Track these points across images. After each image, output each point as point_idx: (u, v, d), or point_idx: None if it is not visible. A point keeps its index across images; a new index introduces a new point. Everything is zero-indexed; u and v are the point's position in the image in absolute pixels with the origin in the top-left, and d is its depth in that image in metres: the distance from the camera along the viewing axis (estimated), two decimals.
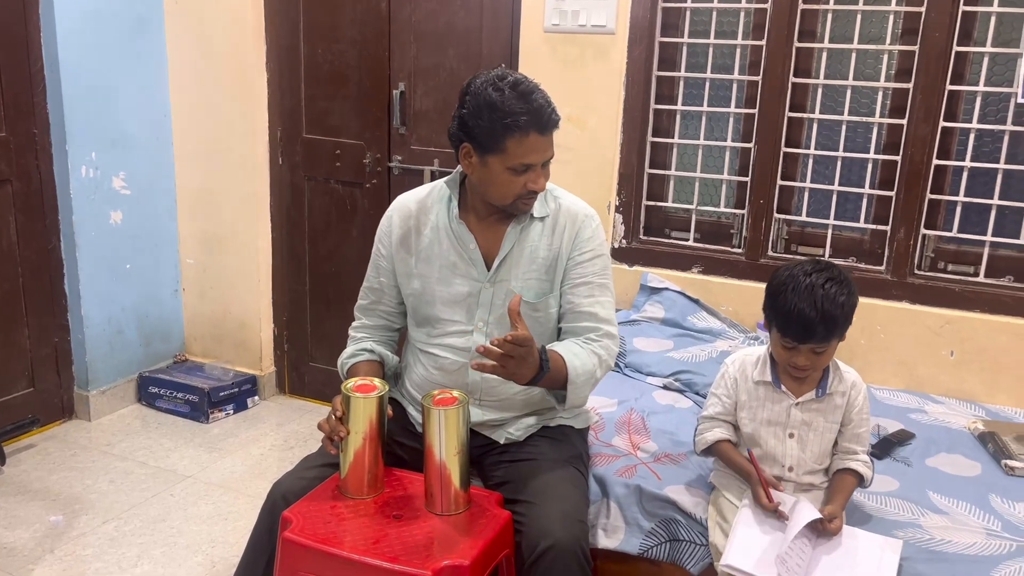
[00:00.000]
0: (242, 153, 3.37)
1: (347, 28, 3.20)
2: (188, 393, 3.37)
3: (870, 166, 2.61)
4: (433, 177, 3.10)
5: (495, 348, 1.62)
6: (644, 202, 2.88)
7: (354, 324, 2.07)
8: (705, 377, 2.41)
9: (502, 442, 1.92)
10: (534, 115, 1.73)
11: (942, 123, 2.47)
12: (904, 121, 2.51)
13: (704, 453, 1.90)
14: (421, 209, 1.95)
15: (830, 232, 2.67)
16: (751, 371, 1.84)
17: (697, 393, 2.40)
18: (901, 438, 2.20)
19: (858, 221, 2.64)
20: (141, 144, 3.35)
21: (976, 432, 2.25)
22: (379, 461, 1.76)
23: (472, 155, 1.80)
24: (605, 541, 1.94)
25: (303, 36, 3.28)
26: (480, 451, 1.93)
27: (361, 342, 2.02)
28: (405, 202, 1.99)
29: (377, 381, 1.77)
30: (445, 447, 1.68)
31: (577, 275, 1.89)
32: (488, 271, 1.89)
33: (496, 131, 1.73)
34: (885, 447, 2.15)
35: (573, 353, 1.81)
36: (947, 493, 1.95)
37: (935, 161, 2.49)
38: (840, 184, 2.64)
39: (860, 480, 1.78)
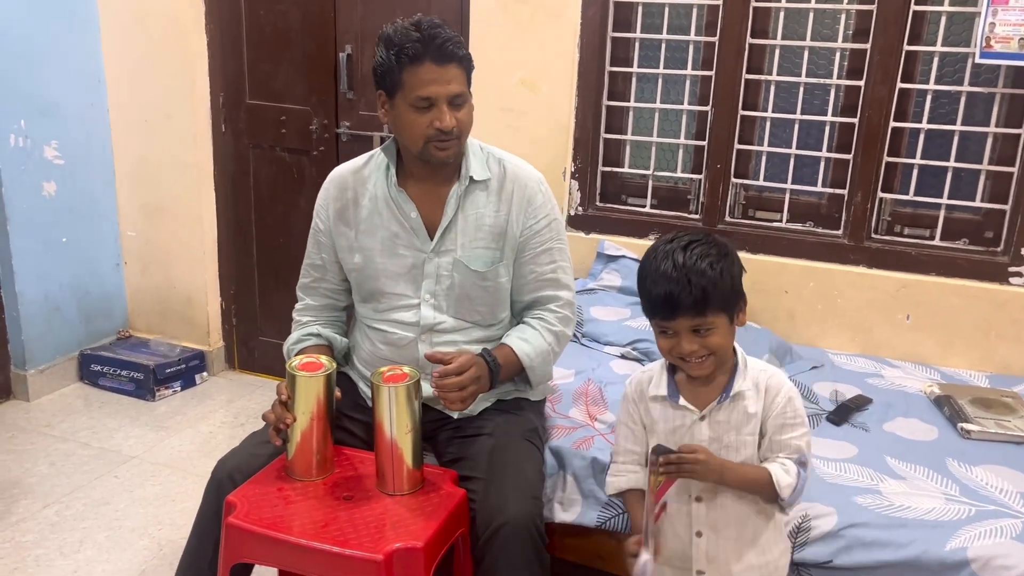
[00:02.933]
0: (182, 120, 3.23)
1: None
2: (132, 370, 3.25)
3: (827, 129, 2.57)
4: (382, 142, 2.99)
5: (449, 380, 1.65)
6: (600, 168, 2.82)
7: (297, 307, 1.98)
8: None
9: (455, 417, 1.87)
10: (425, 42, 1.66)
11: (899, 84, 2.43)
12: (862, 83, 2.47)
13: (615, 496, 1.67)
14: (358, 180, 1.87)
15: (787, 197, 2.64)
16: (647, 388, 1.56)
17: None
18: (858, 403, 2.19)
19: (815, 185, 2.61)
20: (74, 111, 3.19)
21: (932, 396, 2.25)
22: (328, 442, 1.70)
23: (385, 102, 1.75)
24: (562, 515, 1.91)
25: None
26: (433, 427, 1.87)
27: (307, 326, 1.94)
28: (341, 173, 1.90)
29: (324, 358, 1.70)
30: (396, 425, 1.62)
31: (537, 243, 1.84)
32: (431, 240, 1.81)
33: (393, 65, 1.68)
34: (843, 413, 2.14)
35: (522, 339, 1.81)
36: (905, 458, 1.94)
37: (892, 123, 2.47)
38: (798, 148, 2.60)
39: (776, 485, 1.43)
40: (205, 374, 3.43)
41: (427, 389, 1.83)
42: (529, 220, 1.82)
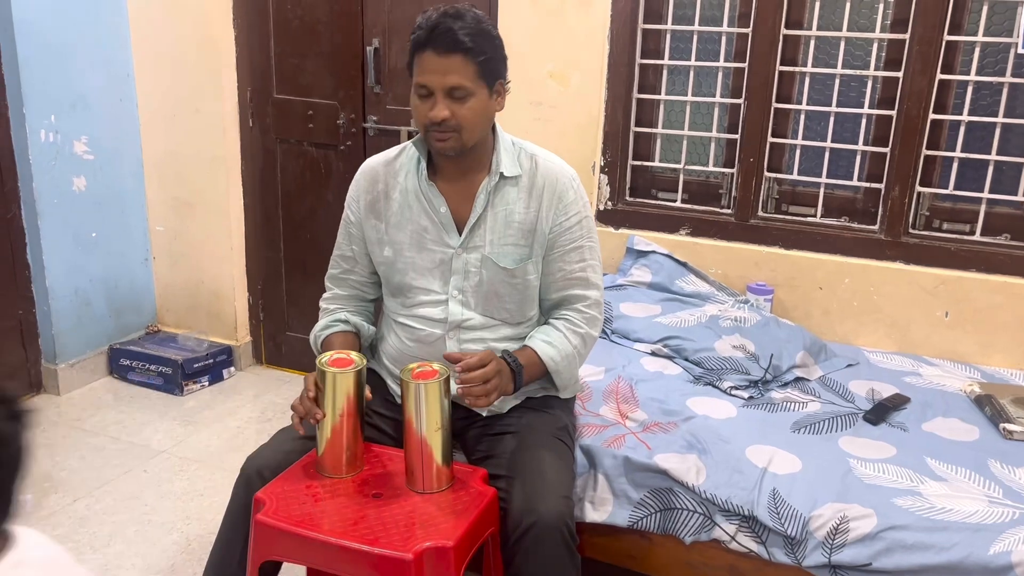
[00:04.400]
0: (210, 114, 3.23)
1: None
2: (161, 365, 3.26)
3: (864, 121, 2.52)
4: (410, 138, 2.97)
5: (472, 374, 1.63)
6: (630, 162, 2.77)
7: (325, 296, 1.97)
8: (694, 343, 2.33)
9: (484, 415, 1.84)
10: (429, 30, 1.64)
11: (939, 75, 2.37)
12: (900, 74, 2.41)
13: None
14: (389, 172, 1.85)
15: (822, 191, 2.59)
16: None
17: (687, 359, 2.32)
18: (896, 403, 2.14)
19: (851, 179, 2.55)
20: (103, 106, 3.20)
21: (972, 395, 2.19)
22: (358, 439, 1.68)
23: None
24: (593, 515, 1.88)
25: None
26: (462, 424, 1.85)
27: (334, 313, 1.92)
28: (372, 165, 1.88)
29: (354, 354, 1.68)
30: (425, 422, 1.60)
31: (567, 240, 1.80)
32: (460, 236, 1.79)
33: (410, 51, 1.69)
34: (880, 412, 2.09)
35: (546, 342, 1.79)
36: (945, 459, 1.89)
37: (931, 116, 2.40)
38: (833, 141, 2.55)
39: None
40: (233, 369, 3.44)
41: (455, 388, 1.81)
42: (560, 217, 1.79)
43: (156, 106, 3.31)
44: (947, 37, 2.35)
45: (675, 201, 2.76)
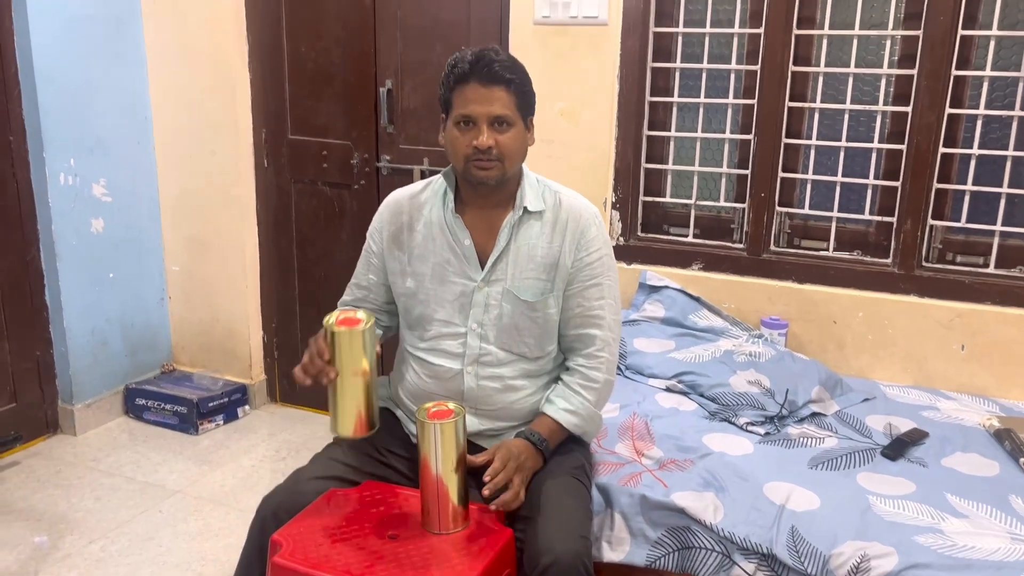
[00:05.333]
0: (226, 156, 3.28)
1: (331, 24, 3.10)
2: (176, 404, 3.27)
3: (874, 156, 2.53)
4: (423, 176, 3.01)
5: (496, 479, 1.65)
6: (641, 198, 2.79)
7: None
8: (709, 378, 2.33)
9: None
10: (474, 63, 1.70)
11: (948, 109, 2.39)
12: (909, 109, 2.43)
13: None
14: (414, 205, 1.88)
15: (834, 225, 2.59)
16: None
17: (702, 395, 2.32)
18: (914, 437, 2.13)
19: (863, 213, 2.56)
20: (122, 149, 3.25)
21: (991, 429, 2.17)
22: (373, 397, 1.67)
23: (442, 124, 1.79)
24: (610, 554, 1.87)
25: (286, 33, 3.18)
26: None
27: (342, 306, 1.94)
28: (397, 198, 1.91)
29: (361, 313, 1.66)
30: (441, 462, 1.60)
31: (587, 276, 1.82)
32: (482, 269, 1.80)
33: (447, 86, 1.74)
34: (898, 447, 2.07)
35: (567, 411, 1.81)
36: (966, 495, 1.87)
37: (942, 149, 2.41)
38: (843, 175, 2.56)
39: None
40: (247, 407, 3.44)
41: (471, 423, 1.82)
42: (581, 252, 1.81)
43: (173, 148, 3.36)
44: (955, 72, 2.36)
45: (687, 236, 2.77)
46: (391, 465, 1.86)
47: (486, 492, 1.64)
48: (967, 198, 2.43)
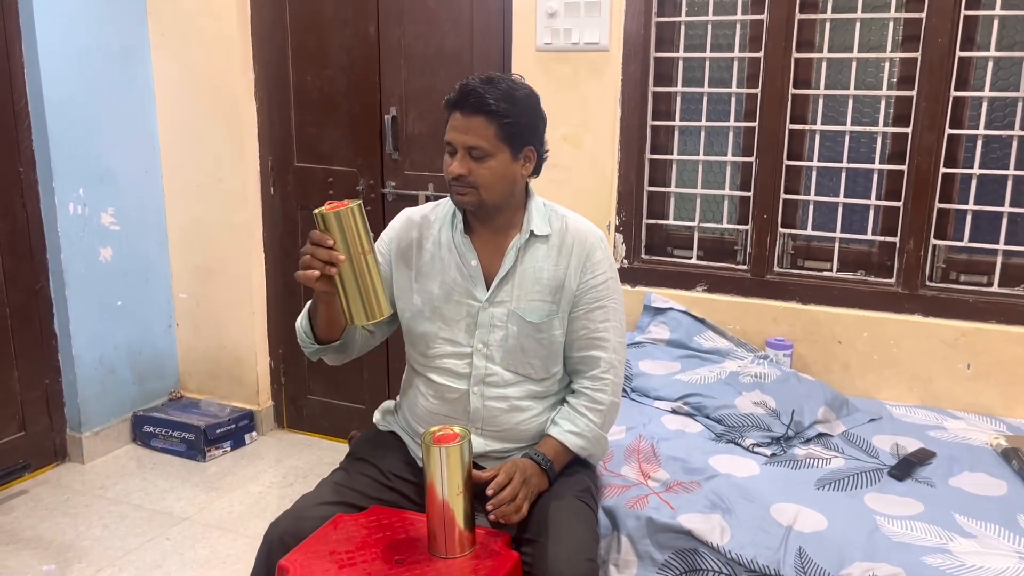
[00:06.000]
0: (233, 184, 3.31)
1: (336, 53, 3.15)
2: (184, 431, 3.28)
3: (875, 176, 2.54)
4: (428, 202, 3.03)
5: (502, 495, 1.66)
6: (645, 220, 2.81)
7: None
8: (715, 400, 2.33)
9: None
10: (461, 92, 1.74)
11: (948, 130, 2.40)
12: (909, 130, 2.45)
13: None
14: (424, 223, 1.90)
15: (837, 245, 2.61)
16: None
17: (708, 417, 2.32)
18: (921, 457, 2.12)
19: (865, 233, 2.57)
20: (130, 178, 3.29)
21: (999, 448, 2.16)
22: (379, 277, 1.66)
23: None
24: None
25: (291, 63, 3.23)
26: (485, 485, 1.84)
27: None
28: (409, 215, 1.94)
29: (348, 200, 1.64)
30: (447, 486, 1.60)
31: (592, 298, 1.84)
32: (487, 290, 1.82)
33: (446, 111, 1.78)
34: (905, 467, 2.07)
35: (573, 432, 1.82)
36: (974, 515, 1.87)
37: (942, 169, 2.43)
38: (845, 196, 2.57)
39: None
40: (254, 434, 3.45)
41: (477, 444, 1.82)
42: (586, 275, 1.83)
43: (180, 177, 3.39)
44: (954, 93, 2.38)
45: (691, 258, 2.78)
46: (397, 490, 1.86)
47: (490, 506, 1.65)
48: (969, 217, 2.44)
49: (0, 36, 2.88)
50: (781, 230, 2.65)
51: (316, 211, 1.62)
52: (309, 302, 1.84)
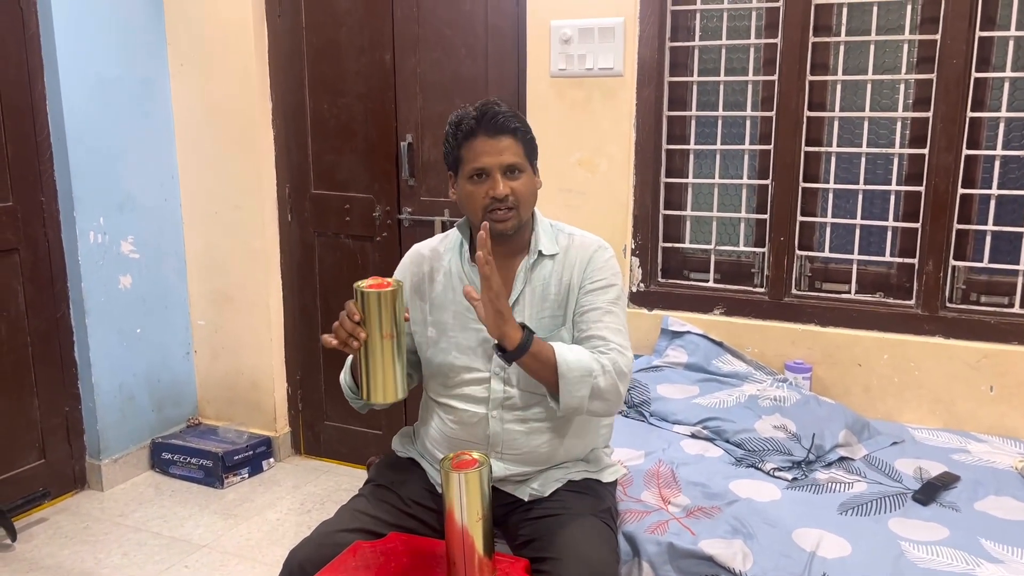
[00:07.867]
0: (250, 211, 3.34)
1: (352, 81, 3.18)
2: (202, 458, 3.29)
3: (893, 198, 2.54)
4: (444, 228, 3.05)
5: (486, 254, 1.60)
6: (661, 244, 2.81)
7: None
8: (735, 424, 2.31)
9: (526, 499, 1.84)
10: (479, 117, 1.75)
11: (965, 151, 2.39)
12: (925, 151, 2.44)
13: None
14: (434, 256, 1.92)
15: (855, 267, 2.59)
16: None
17: (727, 441, 2.30)
18: (946, 481, 2.09)
19: (883, 255, 2.56)
20: (149, 207, 3.33)
21: None
22: (402, 360, 1.65)
23: (452, 181, 1.84)
24: None
25: (308, 91, 3.27)
26: (505, 510, 1.84)
27: None
28: (418, 250, 1.96)
29: (388, 278, 1.65)
30: (467, 512, 1.59)
31: (587, 303, 1.81)
32: None
33: (455, 144, 1.79)
34: (930, 492, 2.04)
35: (567, 348, 1.72)
36: (1001, 540, 1.84)
37: (960, 190, 2.42)
38: (863, 217, 2.56)
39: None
40: (272, 460, 3.45)
41: (497, 469, 1.81)
42: (585, 281, 1.83)
43: (199, 204, 3.43)
44: (970, 114, 2.38)
45: (707, 281, 2.77)
46: (416, 516, 1.85)
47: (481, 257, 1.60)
48: (988, 238, 2.42)
49: (23, 69, 2.93)
50: (798, 252, 2.64)
51: (356, 284, 1.65)
52: (350, 357, 1.86)
